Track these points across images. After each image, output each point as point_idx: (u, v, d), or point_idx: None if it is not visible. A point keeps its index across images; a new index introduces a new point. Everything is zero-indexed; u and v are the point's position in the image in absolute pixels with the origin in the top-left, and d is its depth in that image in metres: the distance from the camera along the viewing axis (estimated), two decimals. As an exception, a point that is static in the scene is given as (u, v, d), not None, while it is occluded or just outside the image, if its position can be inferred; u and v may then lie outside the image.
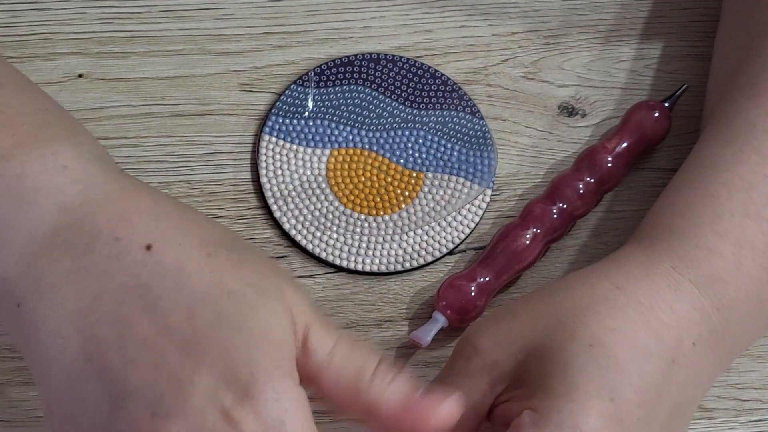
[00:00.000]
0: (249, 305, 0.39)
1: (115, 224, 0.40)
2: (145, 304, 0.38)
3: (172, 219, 0.41)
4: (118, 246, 0.39)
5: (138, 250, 0.39)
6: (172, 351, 0.38)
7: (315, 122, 0.57)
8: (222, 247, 0.41)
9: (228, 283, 0.39)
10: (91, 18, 0.58)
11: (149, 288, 0.39)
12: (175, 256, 0.39)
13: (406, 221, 0.56)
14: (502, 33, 0.59)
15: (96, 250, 0.39)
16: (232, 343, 0.38)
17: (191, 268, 0.39)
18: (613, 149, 0.55)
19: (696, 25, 0.60)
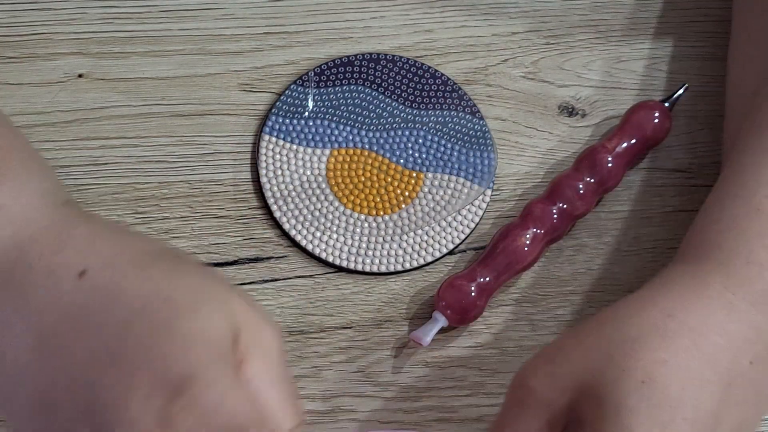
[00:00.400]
0: (185, 308, 0.39)
1: (48, 259, 0.41)
2: (81, 330, 0.39)
3: (106, 243, 0.41)
4: (52, 278, 0.40)
5: (72, 278, 0.40)
6: (108, 369, 0.38)
7: (315, 122, 0.57)
8: (158, 260, 0.41)
9: (163, 291, 0.40)
10: (91, 18, 0.58)
11: (85, 312, 0.39)
12: (109, 277, 0.40)
13: (406, 221, 0.56)
14: (502, 33, 0.59)
15: (32, 288, 0.40)
16: (165, 349, 0.38)
17: (126, 284, 0.40)
18: (613, 149, 0.55)
19: (696, 25, 0.60)
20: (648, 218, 0.57)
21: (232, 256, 0.55)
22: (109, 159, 0.56)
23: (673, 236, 0.57)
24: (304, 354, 0.53)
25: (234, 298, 0.41)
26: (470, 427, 0.53)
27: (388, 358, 0.54)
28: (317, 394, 0.53)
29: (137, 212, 0.55)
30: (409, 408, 0.53)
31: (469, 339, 0.54)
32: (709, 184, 0.57)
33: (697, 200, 0.57)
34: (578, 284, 0.56)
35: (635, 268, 0.56)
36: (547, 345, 0.46)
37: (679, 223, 0.57)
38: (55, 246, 0.41)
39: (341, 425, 0.52)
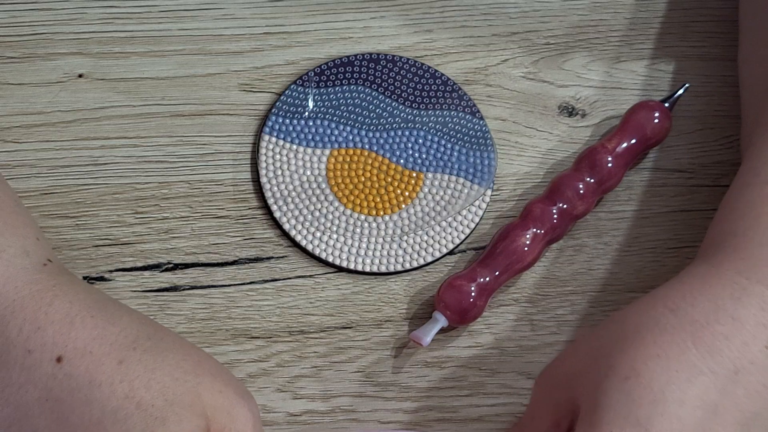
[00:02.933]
0: (157, 417, 0.40)
1: (26, 335, 0.41)
2: (56, 419, 0.40)
3: (85, 324, 0.42)
4: (30, 358, 0.40)
5: (49, 363, 0.40)
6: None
7: (315, 122, 0.57)
8: (136, 349, 0.42)
9: (137, 394, 0.40)
10: (91, 18, 0.58)
11: (61, 402, 0.40)
12: (85, 368, 0.40)
13: (406, 221, 0.56)
14: (502, 33, 0.59)
15: (10, 363, 0.41)
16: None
17: (101, 379, 0.40)
18: (613, 149, 0.55)
19: (696, 25, 0.60)
20: (648, 218, 0.57)
21: (232, 256, 0.55)
22: (109, 159, 0.56)
23: (673, 236, 0.57)
24: (304, 354, 0.53)
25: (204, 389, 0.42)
26: (470, 427, 0.53)
27: (388, 358, 0.54)
28: (317, 394, 0.53)
29: (137, 212, 0.55)
30: (409, 408, 0.53)
31: (469, 339, 0.54)
32: (709, 184, 0.57)
33: (697, 200, 0.57)
34: (578, 284, 0.56)
35: (635, 268, 0.56)
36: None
37: (679, 223, 0.57)
38: (34, 323, 0.41)
39: (341, 425, 0.52)
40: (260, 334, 0.54)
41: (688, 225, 0.57)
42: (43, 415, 0.40)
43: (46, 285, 0.43)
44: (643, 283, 0.56)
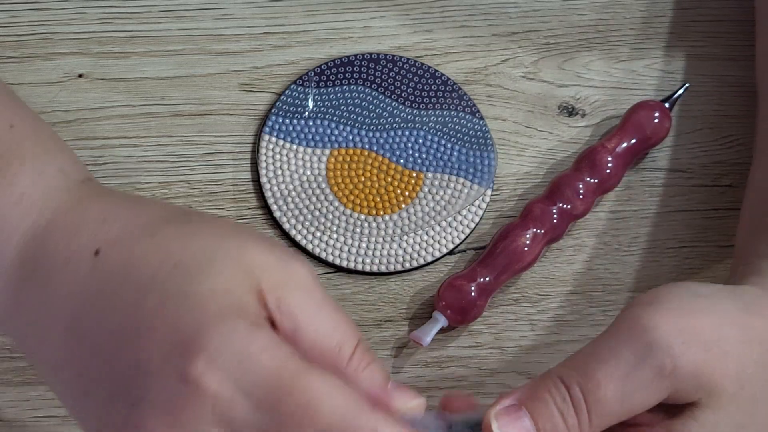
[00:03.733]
0: (195, 271, 0.38)
1: (63, 246, 0.41)
2: (101, 312, 0.39)
3: (116, 219, 0.41)
4: (69, 266, 0.40)
5: (87, 261, 0.40)
6: (130, 345, 0.38)
7: (315, 122, 0.57)
8: (170, 222, 0.41)
9: (174, 255, 0.39)
10: (91, 18, 0.58)
11: (102, 294, 0.39)
12: (120, 253, 0.40)
13: (406, 221, 0.56)
14: (502, 33, 0.59)
15: (52, 277, 0.40)
16: (178, 313, 0.37)
17: (137, 257, 0.39)
18: (613, 149, 0.55)
19: (696, 25, 0.60)
20: (648, 218, 0.57)
21: (232, 256, 0.55)
22: (109, 159, 0.56)
23: (673, 236, 0.57)
24: (304, 354, 0.53)
25: (249, 248, 0.39)
26: (470, 427, 0.53)
27: (388, 358, 0.54)
28: (317, 394, 0.53)
29: (137, 212, 0.55)
30: (409, 408, 0.53)
31: (469, 339, 0.54)
32: (709, 184, 0.58)
33: (697, 200, 0.57)
34: (578, 284, 0.56)
35: (635, 268, 0.56)
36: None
37: (679, 223, 0.57)
38: (71, 231, 0.41)
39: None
40: (260, 334, 0.53)
41: (688, 225, 0.57)
42: (89, 318, 0.39)
43: (83, 197, 0.43)
44: (643, 283, 0.56)
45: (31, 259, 0.41)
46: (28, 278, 0.41)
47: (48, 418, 0.54)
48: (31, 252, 0.41)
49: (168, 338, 0.37)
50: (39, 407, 0.53)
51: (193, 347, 0.36)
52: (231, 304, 0.38)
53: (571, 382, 0.40)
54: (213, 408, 0.36)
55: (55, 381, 0.41)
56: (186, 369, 0.36)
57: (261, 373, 0.36)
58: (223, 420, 0.36)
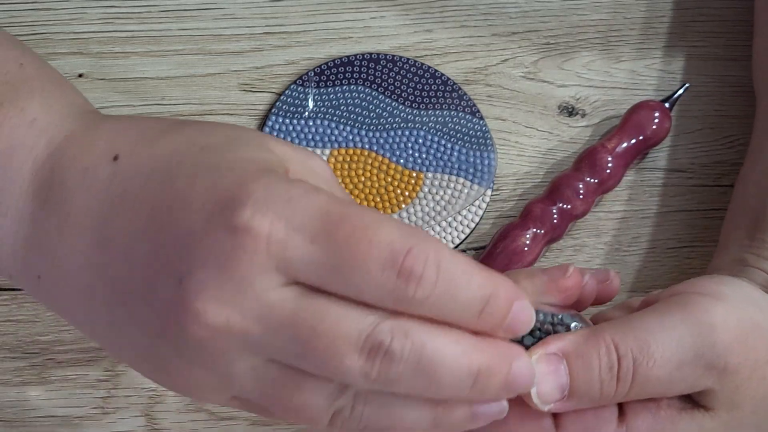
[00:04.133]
0: (225, 148, 0.38)
1: (79, 158, 0.40)
2: (129, 205, 0.38)
3: (133, 127, 0.40)
4: (88, 175, 0.39)
5: (106, 167, 0.39)
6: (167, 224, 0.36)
7: (315, 122, 0.57)
8: (187, 123, 0.40)
9: (198, 142, 0.38)
10: (91, 18, 0.58)
11: (128, 190, 0.38)
12: (141, 152, 0.39)
13: (406, 221, 0.56)
14: (502, 33, 0.59)
15: (71, 190, 0.39)
16: (213, 179, 0.36)
17: (159, 152, 0.38)
18: (613, 149, 0.55)
19: (696, 25, 0.60)
20: (648, 218, 0.57)
21: (232, 256, 0.55)
22: (109, 159, 0.56)
23: (673, 236, 0.57)
24: (304, 354, 0.53)
25: (270, 139, 0.39)
26: (470, 427, 0.53)
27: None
28: (317, 394, 0.53)
29: (137, 212, 0.55)
30: (409, 408, 0.53)
31: (469, 339, 0.54)
32: (709, 184, 0.57)
33: (697, 200, 0.57)
34: (578, 284, 0.56)
35: (635, 268, 0.56)
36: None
37: (679, 223, 0.57)
38: (85, 144, 0.40)
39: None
40: (260, 334, 0.53)
41: (688, 225, 0.57)
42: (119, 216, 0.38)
43: (94, 119, 0.42)
44: (643, 283, 0.56)
45: (47, 180, 0.40)
46: (44, 202, 0.40)
47: (48, 418, 0.54)
48: (47, 172, 0.40)
49: (208, 201, 0.36)
50: (39, 407, 0.53)
51: (236, 200, 0.35)
52: (268, 167, 0.37)
53: (626, 351, 0.39)
54: (268, 251, 0.34)
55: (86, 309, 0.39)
56: (233, 219, 0.34)
57: (311, 207, 0.35)
58: (280, 263, 0.34)
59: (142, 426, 0.54)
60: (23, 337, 0.54)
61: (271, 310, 0.34)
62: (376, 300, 0.34)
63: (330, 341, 0.34)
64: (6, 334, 0.54)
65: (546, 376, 0.39)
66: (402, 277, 0.34)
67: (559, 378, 0.39)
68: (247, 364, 0.35)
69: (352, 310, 0.34)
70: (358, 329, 0.34)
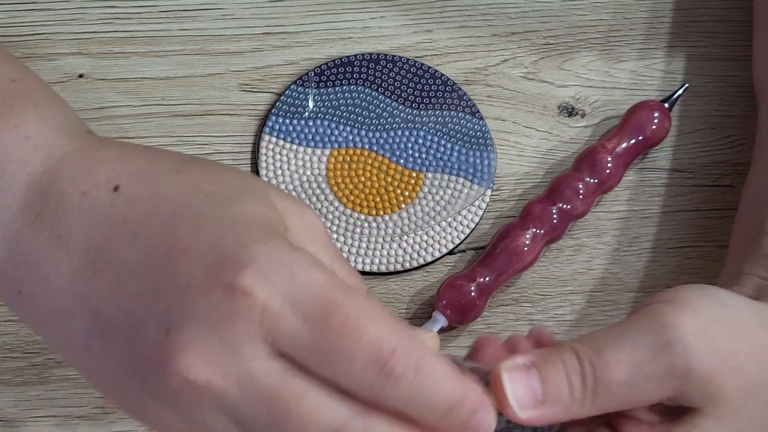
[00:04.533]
0: (230, 200, 0.38)
1: (79, 180, 0.39)
2: (127, 238, 0.38)
3: (136, 158, 0.40)
4: (86, 200, 0.39)
5: (107, 195, 0.39)
6: (163, 267, 0.36)
7: (315, 122, 0.57)
8: (190, 165, 0.40)
9: (204, 188, 0.38)
10: (92, 18, 0.58)
11: (127, 222, 0.38)
12: (143, 186, 0.39)
13: (406, 221, 0.56)
14: (502, 33, 0.59)
15: (67, 212, 0.39)
16: (217, 234, 0.36)
17: (164, 188, 0.38)
18: (613, 149, 0.55)
19: (696, 25, 0.60)
20: (648, 218, 0.57)
21: (232, 256, 0.55)
22: (109, 159, 0.56)
23: (673, 236, 0.57)
24: (304, 354, 0.53)
25: (271, 188, 0.40)
26: (470, 427, 0.53)
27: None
28: (317, 394, 0.53)
29: (137, 212, 0.55)
30: (409, 408, 0.53)
31: (469, 339, 0.54)
32: (709, 184, 0.57)
33: (697, 200, 0.57)
34: (578, 284, 0.56)
35: (635, 268, 0.56)
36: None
37: (679, 223, 0.57)
38: (85, 168, 0.40)
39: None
40: (260, 334, 0.54)
41: (688, 225, 0.57)
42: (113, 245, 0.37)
43: (93, 141, 0.42)
44: (643, 283, 0.56)
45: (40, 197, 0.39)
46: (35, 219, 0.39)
47: (48, 418, 0.54)
48: (41, 189, 0.40)
49: (209, 256, 0.36)
50: (39, 407, 0.53)
51: (239, 262, 0.35)
52: (272, 228, 0.37)
53: (583, 357, 0.40)
54: (261, 321, 0.35)
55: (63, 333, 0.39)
56: (233, 281, 0.35)
57: (311, 286, 0.35)
58: (269, 334, 0.35)
59: (142, 426, 0.54)
60: (23, 337, 0.54)
61: (252, 379, 0.35)
62: (353, 388, 0.35)
63: (302, 426, 0.35)
64: (6, 334, 0.54)
65: (519, 381, 0.40)
66: (383, 374, 0.35)
67: (531, 382, 0.40)
68: (219, 421, 0.36)
69: (329, 400, 0.35)
70: (331, 421, 0.35)
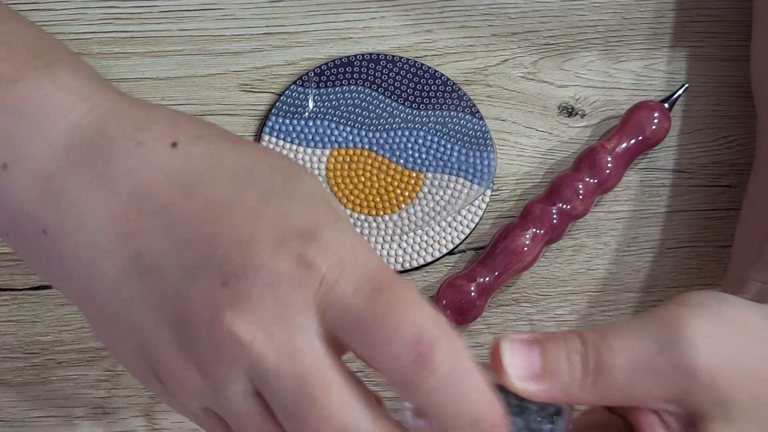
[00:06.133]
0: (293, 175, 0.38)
1: (132, 133, 0.39)
2: (183, 188, 0.37)
3: (190, 123, 0.40)
4: (141, 149, 0.38)
5: (165, 148, 0.38)
6: (226, 220, 0.37)
7: (315, 122, 0.57)
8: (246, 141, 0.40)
9: (264, 159, 0.39)
10: (92, 18, 0.58)
11: (183, 174, 0.38)
12: (204, 147, 0.38)
13: (406, 221, 0.56)
14: (502, 33, 0.59)
15: (116, 156, 0.38)
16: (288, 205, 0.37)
17: (223, 153, 0.38)
18: (612, 149, 0.56)
19: (696, 25, 0.60)
20: (648, 218, 0.57)
21: (232, 256, 0.55)
22: (109, 159, 0.56)
23: (672, 236, 0.57)
24: (304, 354, 0.53)
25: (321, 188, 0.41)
26: (470, 426, 0.53)
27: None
28: (317, 394, 0.53)
29: (137, 212, 0.55)
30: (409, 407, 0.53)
31: (469, 339, 0.54)
32: (708, 184, 0.58)
33: (697, 200, 0.57)
34: (578, 284, 0.56)
35: (634, 268, 0.56)
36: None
37: (679, 223, 0.57)
38: (139, 122, 0.39)
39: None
40: (260, 334, 0.54)
41: (688, 225, 0.57)
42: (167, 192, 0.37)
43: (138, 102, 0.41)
44: (643, 283, 0.56)
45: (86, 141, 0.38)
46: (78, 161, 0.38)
47: (48, 418, 0.54)
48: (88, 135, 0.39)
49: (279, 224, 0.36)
50: (39, 407, 0.53)
51: (311, 235, 0.36)
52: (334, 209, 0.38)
53: (587, 341, 0.40)
54: (317, 290, 0.36)
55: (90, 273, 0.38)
56: (304, 251, 0.36)
57: (368, 265, 0.36)
58: (323, 301, 0.36)
59: (142, 426, 0.54)
60: (23, 337, 0.54)
61: (293, 353, 0.35)
62: (386, 369, 0.35)
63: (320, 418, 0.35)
64: (6, 334, 0.54)
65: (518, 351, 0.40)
66: (419, 361, 0.35)
67: (531, 355, 0.40)
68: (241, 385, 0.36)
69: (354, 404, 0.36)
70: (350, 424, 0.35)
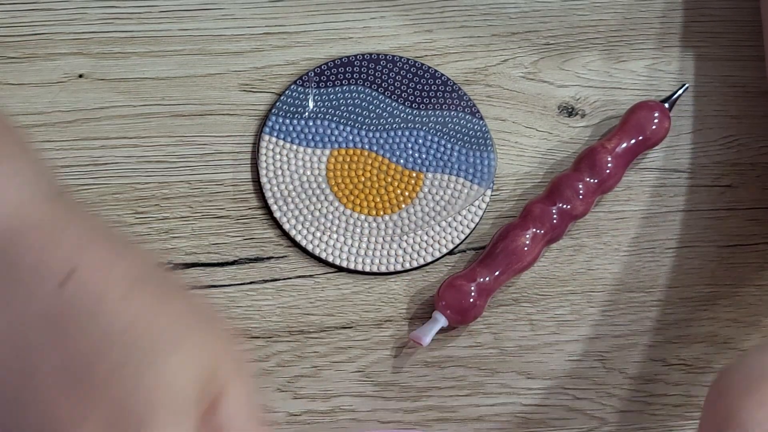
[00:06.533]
0: (159, 352, 0.38)
1: (37, 254, 0.39)
2: (54, 334, 0.38)
3: (98, 249, 0.39)
4: (36, 276, 0.38)
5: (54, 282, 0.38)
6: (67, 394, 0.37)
7: (315, 122, 0.57)
8: (148, 282, 0.39)
9: (143, 324, 0.38)
10: (92, 18, 0.58)
11: (62, 316, 0.38)
12: (94, 285, 0.38)
13: (406, 221, 0.56)
14: (502, 33, 0.59)
15: (16, 280, 0.38)
16: (129, 391, 0.37)
17: (109, 299, 0.38)
18: (612, 149, 0.56)
19: (696, 25, 0.60)
20: (647, 218, 0.57)
21: (232, 256, 0.55)
22: (109, 159, 0.56)
23: (673, 236, 0.57)
24: (304, 354, 0.53)
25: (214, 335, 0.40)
26: (470, 426, 0.53)
27: (388, 358, 0.54)
28: (317, 394, 0.53)
29: (137, 212, 0.55)
30: (409, 408, 0.53)
31: (469, 339, 0.55)
32: (708, 185, 0.58)
33: (697, 200, 0.57)
34: (578, 284, 0.56)
35: (635, 268, 0.56)
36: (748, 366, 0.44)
37: (679, 223, 0.57)
38: (47, 241, 0.39)
39: (341, 425, 0.53)
40: (260, 333, 0.54)
41: (688, 225, 0.57)
42: (39, 330, 0.37)
43: (60, 213, 0.40)
44: (643, 283, 0.56)
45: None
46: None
47: None
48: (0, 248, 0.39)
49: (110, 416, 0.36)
50: (39, 407, 0.53)
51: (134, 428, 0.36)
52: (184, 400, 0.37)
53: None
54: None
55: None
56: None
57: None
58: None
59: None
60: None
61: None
62: None
63: None
64: (6, 334, 0.54)
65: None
66: None
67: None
68: None
69: None
70: None
